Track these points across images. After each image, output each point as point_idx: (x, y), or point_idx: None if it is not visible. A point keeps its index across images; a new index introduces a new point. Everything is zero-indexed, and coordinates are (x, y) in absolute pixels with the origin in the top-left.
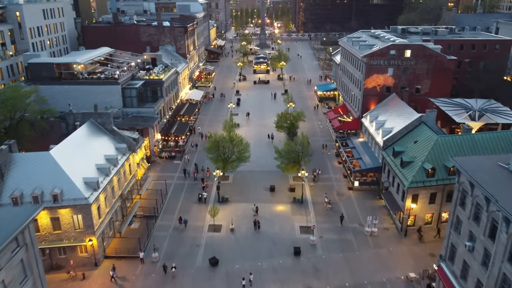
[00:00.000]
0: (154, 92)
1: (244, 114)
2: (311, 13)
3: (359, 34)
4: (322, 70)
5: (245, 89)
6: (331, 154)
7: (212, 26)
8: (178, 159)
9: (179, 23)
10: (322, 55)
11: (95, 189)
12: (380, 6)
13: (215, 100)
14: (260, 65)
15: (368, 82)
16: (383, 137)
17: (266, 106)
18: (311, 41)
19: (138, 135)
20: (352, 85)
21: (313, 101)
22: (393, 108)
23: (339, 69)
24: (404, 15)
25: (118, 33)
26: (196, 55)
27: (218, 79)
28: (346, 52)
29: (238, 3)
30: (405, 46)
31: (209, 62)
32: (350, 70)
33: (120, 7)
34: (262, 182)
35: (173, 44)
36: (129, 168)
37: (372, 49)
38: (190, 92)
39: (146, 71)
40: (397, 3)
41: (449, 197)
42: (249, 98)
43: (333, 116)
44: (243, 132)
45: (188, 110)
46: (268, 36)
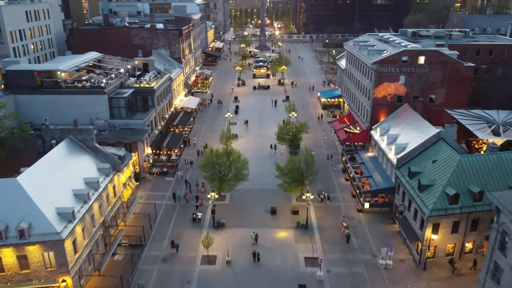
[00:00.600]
0: (145, 101)
1: (242, 123)
2: (312, 13)
3: (366, 38)
4: (325, 75)
5: (244, 95)
6: (338, 170)
7: (209, 27)
8: (170, 176)
9: (174, 25)
10: (325, 58)
11: (70, 220)
12: (384, 6)
13: (212, 107)
14: (260, 69)
15: (378, 91)
16: (397, 154)
17: (266, 114)
18: (312, 43)
19: (124, 151)
20: (359, 93)
21: (317, 108)
22: (406, 120)
23: (344, 75)
24: (410, 16)
25: (108, 36)
26: (192, 59)
27: (216, 84)
28: (353, 57)
29: (238, 3)
30: (418, 52)
31: (206, 65)
32: (357, 77)
33: (113, 8)
34: (262, 203)
35: (167, 48)
36: (113, 191)
37: (383, 55)
38: (185, 99)
39: (136, 78)
40: (401, 4)
41: (474, 226)
42: (248, 105)
43: (338, 126)
44: (242, 143)
45: (182, 120)
46: (268, 37)
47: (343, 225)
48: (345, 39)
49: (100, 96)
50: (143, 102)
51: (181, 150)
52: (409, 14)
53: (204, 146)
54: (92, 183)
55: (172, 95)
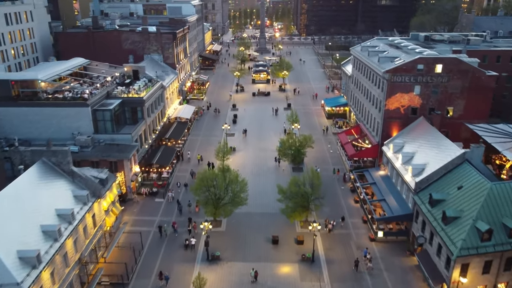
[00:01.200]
0: (134, 113)
1: (241, 132)
2: (314, 14)
3: (374, 43)
4: (328, 80)
5: (243, 103)
6: (346, 189)
7: (207, 29)
8: (160, 196)
9: (168, 28)
10: (328, 62)
11: (34, 266)
12: (389, 7)
13: (208, 116)
14: (260, 74)
15: (390, 102)
16: (415, 176)
17: (267, 124)
18: (314, 45)
19: (107, 173)
20: (369, 104)
21: (320, 117)
22: (423, 135)
23: (351, 82)
24: (417, 18)
25: (97, 41)
26: (187, 63)
27: (213, 90)
28: (360, 63)
29: (237, 3)
30: (435, 59)
31: (203, 69)
32: (365, 86)
33: (104, 9)
34: (263, 230)
35: (160, 53)
36: (92, 221)
37: (395, 63)
38: (180, 108)
39: (125, 87)
40: (407, 5)
41: (508, 265)
42: (247, 114)
43: (345, 139)
44: (240, 158)
45: (175, 132)
46: (268, 39)
47: (366, 257)
48: (349, 41)
49: (82, 109)
50: (132, 113)
51: (173, 166)
52: (416, 16)
53: (199, 158)
54: (66, 215)
55: (165, 104)
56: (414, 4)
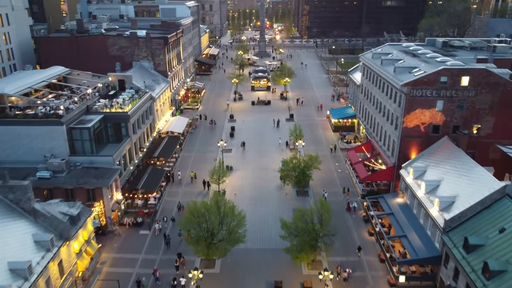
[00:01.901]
0: (117, 130)
1: (238, 148)
2: (316, 16)
3: (387, 49)
4: (333, 87)
5: (241, 113)
6: (358, 218)
7: (203, 32)
8: (146, 227)
9: (160, 31)
10: (332, 67)
11: None
12: (395, 8)
13: (203, 129)
14: (260, 81)
15: (409, 119)
16: (443, 211)
17: (268, 138)
18: (317, 48)
19: (80, 207)
20: (382, 119)
21: (326, 130)
22: (448, 159)
23: (360, 92)
24: (426, 20)
25: (81, 46)
26: (181, 70)
27: (209, 98)
28: (372, 72)
29: (236, 3)
30: (461, 71)
31: (199, 75)
32: (378, 98)
33: (93, 11)
34: (263, 272)
35: (150, 60)
36: (59, 269)
37: (415, 75)
38: (172, 120)
39: (108, 100)
40: (415, 6)
41: None
42: (246, 126)
43: (356, 158)
44: (238, 178)
45: (166, 149)
46: (268, 42)
47: None
48: (353, 44)
49: (56, 128)
50: (115, 131)
51: (162, 190)
52: (425, 17)
53: (192, 176)
54: (20, 271)
55: (155, 117)
56: (421, 5)
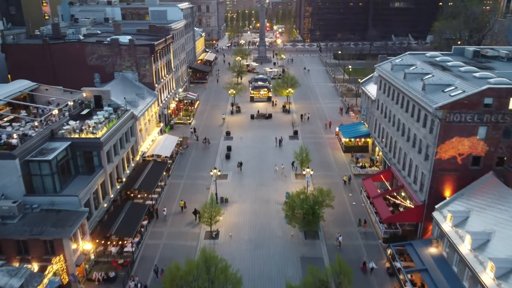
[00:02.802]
0: (88, 160)
1: (235, 173)
2: (319, 18)
3: (408, 59)
4: (341, 98)
5: (239, 128)
6: (380, 270)
7: (199, 35)
8: (119, 283)
9: (147, 37)
10: (339, 74)
11: None
12: (403, 10)
13: (195, 148)
14: (260, 91)
15: (444, 149)
16: (501, 279)
17: (269, 161)
18: (321, 53)
19: (26, 273)
20: (406, 145)
21: (336, 150)
22: (498, 203)
23: (375, 108)
24: (440, 22)
25: (54, 55)
26: (172, 80)
27: (203, 110)
28: (392, 88)
29: (235, 4)
30: (510, 90)
31: (194, 83)
32: (401, 119)
33: (75, 13)
34: None
35: (134, 70)
36: None
37: (452, 95)
38: (159, 139)
39: (80, 121)
40: (423, 8)
41: None
42: (244, 144)
43: (374, 190)
44: (233, 215)
45: (149, 178)
46: (269, 46)
47: None
48: (359, 48)
49: (7, 162)
50: (86, 160)
51: (142, 232)
52: (438, 20)
53: (182, 205)
54: None
55: (138, 139)
56: (431, 7)
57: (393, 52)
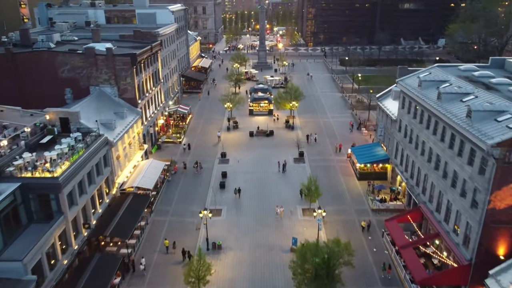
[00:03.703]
0: (44, 205)
1: (231, 205)
2: (323, 20)
3: (438, 73)
4: (351, 110)
5: (236, 148)
6: None
7: (193, 39)
8: None
9: (131, 44)
10: (347, 82)
11: None
12: (413, 12)
13: (184, 176)
14: (260, 103)
15: (500, 196)
16: None
17: (272, 190)
18: (326, 58)
19: None
20: (443, 182)
21: (348, 177)
22: None
23: (397, 129)
24: (456, 25)
25: (20, 66)
26: (160, 92)
27: (196, 125)
28: (420, 108)
29: (234, 4)
30: None
31: (187, 92)
32: (434, 149)
33: (54, 16)
34: None
35: (113, 84)
36: None
37: None
38: (142, 166)
39: (37, 153)
40: (434, 9)
41: None
42: (241, 169)
43: (400, 236)
44: (228, 266)
45: (125, 219)
46: (270, 51)
47: None
48: (367, 53)
49: None
50: (41, 206)
51: None
52: (453, 22)
53: (167, 245)
54: None
55: (114, 169)
56: (442, 8)
57: (404, 57)
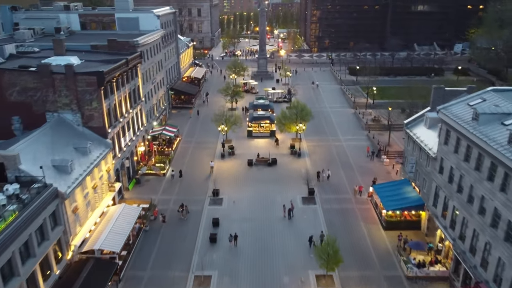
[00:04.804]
0: None
1: (223, 272)
2: (329, 24)
3: (494, 100)
4: (367, 131)
5: (232, 183)
6: None
7: (185, 46)
8: None
9: (104, 57)
10: (359, 95)
11: None
12: (427, 15)
13: (165, 226)
14: (260, 123)
15: None
16: None
17: (275, 245)
18: (333, 66)
19: None
20: (507, 252)
21: (371, 225)
22: None
23: (436, 170)
24: (480, 30)
25: None
26: (141, 113)
27: (185, 151)
28: (477, 150)
29: (233, 5)
30: None
31: (177, 108)
32: (500, 209)
33: (20, 21)
34: None
35: (75, 110)
36: None
37: None
38: (110, 214)
39: None
40: (451, 11)
41: None
42: (237, 214)
43: None
44: None
45: None
46: (271, 57)
47: None
48: (379, 60)
49: None
50: None
51: None
52: (473, 27)
53: None
54: None
55: (68, 228)
56: (458, 10)
57: (421, 66)
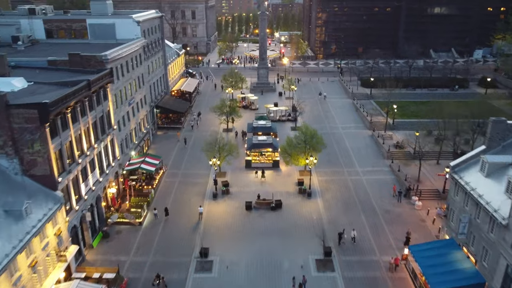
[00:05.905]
0: None
1: None
2: (335, 28)
3: None
4: (389, 161)
5: (225, 237)
6: None
7: (175, 55)
8: None
9: (63, 77)
10: (375, 113)
11: None
12: (445, 18)
13: None
14: (260, 151)
15: None
16: None
17: None
18: (342, 76)
19: None
20: None
21: None
22: None
23: (510, 246)
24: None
25: None
26: (112, 145)
27: (169, 189)
28: None
29: (232, 6)
30: None
31: (163, 129)
32: None
33: None
34: None
35: (11, 154)
36: None
37: None
38: None
39: None
40: (472, 14)
41: None
42: (231, 287)
43: None
44: None
45: None
46: (272, 65)
47: None
48: (394, 69)
49: None
50: None
51: None
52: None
53: None
54: None
55: None
56: (479, 13)
57: (441, 75)
